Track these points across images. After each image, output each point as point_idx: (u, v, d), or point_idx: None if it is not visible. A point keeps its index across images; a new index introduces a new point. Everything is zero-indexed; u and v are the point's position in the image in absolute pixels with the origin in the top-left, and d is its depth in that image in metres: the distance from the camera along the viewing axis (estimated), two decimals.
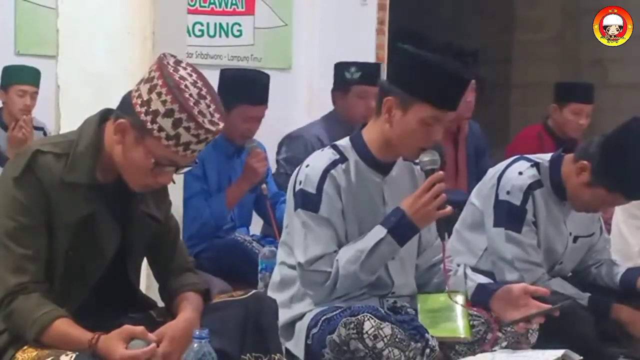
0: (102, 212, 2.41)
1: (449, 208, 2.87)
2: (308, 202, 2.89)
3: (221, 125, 2.34)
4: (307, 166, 2.95)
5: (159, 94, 2.28)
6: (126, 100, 2.36)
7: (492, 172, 3.62)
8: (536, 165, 3.52)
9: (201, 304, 2.50)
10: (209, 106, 2.32)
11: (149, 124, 2.28)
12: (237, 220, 4.33)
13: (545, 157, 3.57)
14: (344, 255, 2.87)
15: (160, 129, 2.28)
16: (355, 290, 2.94)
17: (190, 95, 2.29)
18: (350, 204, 2.93)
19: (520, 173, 3.49)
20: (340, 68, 4.95)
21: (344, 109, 4.87)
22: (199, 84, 2.34)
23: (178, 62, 2.36)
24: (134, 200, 2.47)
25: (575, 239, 3.62)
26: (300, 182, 2.92)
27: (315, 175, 2.90)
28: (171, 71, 2.31)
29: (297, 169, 3.02)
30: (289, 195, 2.99)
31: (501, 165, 3.61)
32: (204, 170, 4.16)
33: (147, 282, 2.93)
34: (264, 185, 4.18)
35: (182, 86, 2.29)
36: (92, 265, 2.43)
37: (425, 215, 2.85)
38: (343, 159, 2.95)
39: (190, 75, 2.34)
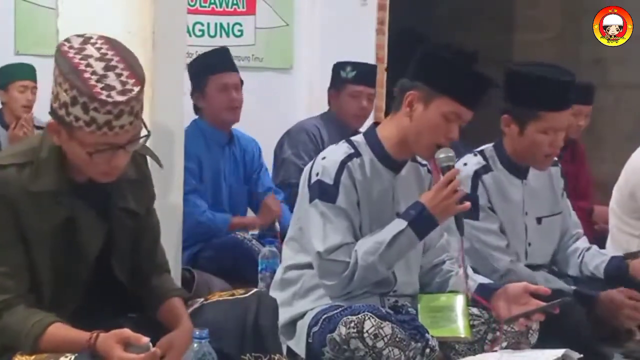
0: (81, 213, 2.36)
1: (467, 203, 2.91)
2: (325, 192, 2.90)
3: (136, 89, 2.22)
4: (324, 158, 2.96)
5: (60, 85, 2.22)
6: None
7: None
8: (480, 152, 3.57)
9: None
10: (119, 75, 2.22)
11: (65, 117, 2.23)
12: (230, 212, 4.35)
13: (490, 145, 3.62)
14: (362, 246, 2.88)
15: (77, 119, 2.21)
16: (370, 285, 2.95)
17: (92, 72, 2.20)
18: (364, 198, 2.94)
19: (465, 164, 3.51)
20: (338, 67, 4.95)
21: (337, 108, 4.89)
22: (108, 55, 2.25)
23: (86, 41, 2.27)
24: (112, 196, 2.43)
25: (539, 220, 3.62)
26: (317, 174, 2.93)
27: (333, 166, 2.92)
28: (70, 55, 2.23)
29: (311, 162, 3.03)
30: (303, 189, 2.99)
31: None
32: (200, 167, 4.19)
33: None
34: (276, 224, 4.22)
35: (81, 67, 2.21)
36: (77, 267, 2.39)
37: (445, 209, 2.88)
38: (357, 153, 2.96)
39: (99, 50, 2.25)
